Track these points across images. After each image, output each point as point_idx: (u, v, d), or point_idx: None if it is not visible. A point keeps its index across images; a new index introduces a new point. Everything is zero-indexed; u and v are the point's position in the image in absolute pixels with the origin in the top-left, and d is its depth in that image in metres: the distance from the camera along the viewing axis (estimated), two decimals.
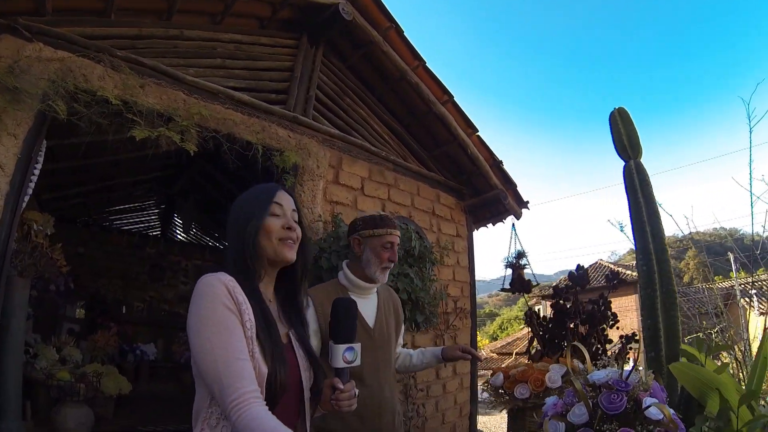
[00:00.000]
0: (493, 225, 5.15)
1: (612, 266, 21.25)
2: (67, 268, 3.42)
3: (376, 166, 3.82)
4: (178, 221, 7.88)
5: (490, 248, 4.69)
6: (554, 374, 1.87)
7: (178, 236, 8.45)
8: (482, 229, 5.18)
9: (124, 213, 7.59)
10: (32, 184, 2.31)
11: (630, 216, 1.98)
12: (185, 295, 7.87)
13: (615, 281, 2.41)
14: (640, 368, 1.22)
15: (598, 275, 20.44)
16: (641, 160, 2.02)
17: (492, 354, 20.18)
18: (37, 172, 2.35)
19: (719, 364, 1.70)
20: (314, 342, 1.68)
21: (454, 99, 4.05)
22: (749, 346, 3.26)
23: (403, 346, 2.11)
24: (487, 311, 41.07)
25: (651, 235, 1.88)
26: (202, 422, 1.00)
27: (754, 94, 2.51)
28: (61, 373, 3.47)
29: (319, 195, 3.23)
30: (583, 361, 1.81)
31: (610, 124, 2.11)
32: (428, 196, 4.33)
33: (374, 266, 1.76)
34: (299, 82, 3.39)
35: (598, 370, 1.21)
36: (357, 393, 1.20)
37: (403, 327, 2.01)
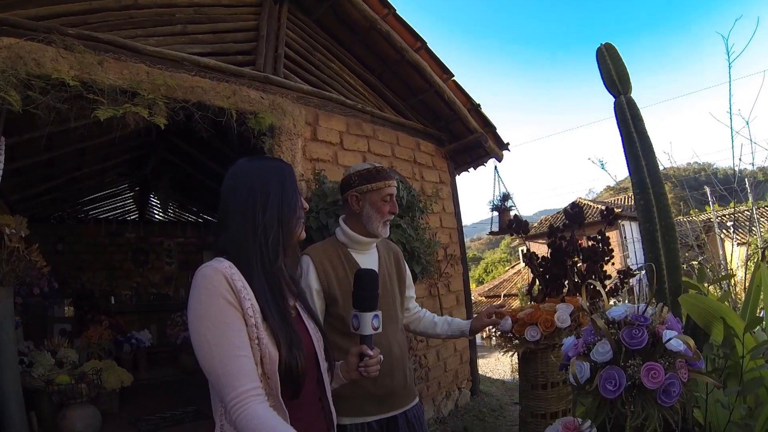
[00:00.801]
0: (475, 169, 5.17)
1: (591, 203, 21.76)
2: (48, 268, 3.28)
3: (354, 119, 3.76)
4: (155, 202, 7.67)
5: (469, 193, 4.74)
6: (563, 314, 1.87)
7: (157, 217, 8.24)
8: (461, 174, 5.18)
9: (98, 202, 7.35)
10: None
11: (624, 151, 1.96)
12: (171, 275, 7.78)
13: (611, 216, 2.42)
14: (654, 302, 1.24)
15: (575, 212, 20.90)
16: (631, 95, 1.98)
17: (480, 298, 20.69)
18: None
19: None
20: (318, 303, 1.65)
21: (427, 45, 3.97)
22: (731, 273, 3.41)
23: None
24: (470, 256, 41.96)
25: (647, 169, 1.87)
26: (220, 418, 0.98)
27: (732, 31, 2.50)
28: (60, 377, 3.40)
29: (299, 154, 3.16)
30: (587, 299, 1.83)
31: (598, 60, 2.05)
32: (408, 144, 4.30)
33: (376, 221, 1.69)
34: (266, 41, 3.28)
35: (617, 306, 1.22)
36: (382, 359, 1.21)
37: (409, 278, 1.95)
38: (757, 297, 1.73)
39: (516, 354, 1.95)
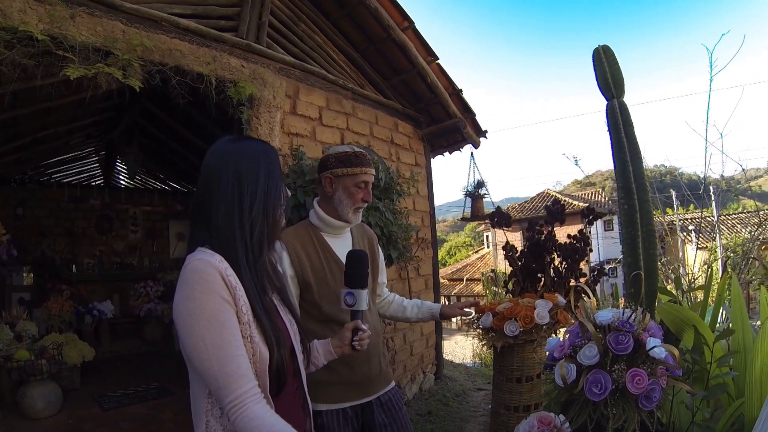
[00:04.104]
0: (450, 153, 5.17)
1: (558, 195, 22.30)
2: (7, 236, 3.10)
3: (334, 95, 3.68)
4: (122, 167, 7.36)
5: (435, 175, 4.75)
6: (542, 310, 1.91)
7: (123, 183, 7.94)
8: (435, 157, 5.17)
9: (63, 165, 7.04)
10: None
11: (612, 155, 1.98)
12: (136, 244, 7.55)
13: (591, 216, 2.47)
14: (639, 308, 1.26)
15: (545, 204, 21.49)
16: (624, 99, 2.00)
17: (443, 280, 21.09)
18: None
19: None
20: (294, 290, 1.62)
21: (415, 25, 3.90)
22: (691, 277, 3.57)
23: None
24: None
25: (633, 175, 1.90)
26: (206, 414, 0.94)
27: (713, 41, 2.57)
28: (19, 352, 3.28)
29: (277, 127, 3.06)
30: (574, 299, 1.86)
31: (594, 62, 2.05)
32: (386, 124, 4.25)
33: (346, 207, 1.66)
34: (251, 7, 3.15)
35: (603, 310, 1.24)
36: (371, 333, 1.28)
37: (382, 264, 1.92)
38: (719, 306, 1.82)
39: (492, 346, 1.98)
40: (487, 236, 26.27)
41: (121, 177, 7.85)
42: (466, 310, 1.94)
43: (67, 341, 3.79)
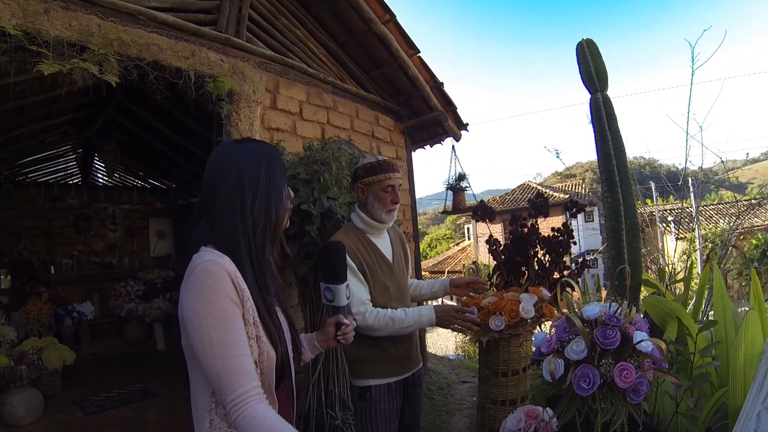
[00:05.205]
0: (431, 146, 5.16)
1: (540, 187, 22.50)
2: None
3: (314, 89, 3.64)
4: (100, 165, 7.20)
5: (415, 167, 4.74)
6: (527, 304, 1.92)
7: (101, 181, 7.77)
8: (416, 150, 5.14)
9: (39, 164, 6.87)
10: None
11: (596, 148, 1.99)
12: (115, 242, 7.40)
13: (574, 209, 2.47)
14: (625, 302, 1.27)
15: (526, 196, 21.65)
16: (608, 92, 2.01)
17: (425, 273, 21.17)
18: None
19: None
20: (363, 288, 1.80)
21: (396, 18, 3.86)
22: (672, 267, 3.64)
23: None
24: None
25: (617, 168, 1.91)
26: (209, 412, 0.96)
27: (692, 34, 2.60)
28: None
29: (257, 122, 3.02)
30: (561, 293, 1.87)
31: (578, 56, 2.06)
32: (367, 118, 4.22)
33: (379, 210, 1.89)
34: (230, 1, 3.09)
35: (590, 304, 1.24)
36: (356, 324, 1.36)
37: (410, 257, 2.20)
38: (701, 297, 1.85)
39: (477, 341, 1.98)
40: (468, 228, 26.41)
41: (99, 175, 7.70)
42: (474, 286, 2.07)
43: (47, 345, 3.71)
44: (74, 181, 7.40)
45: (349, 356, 1.90)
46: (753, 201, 7.33)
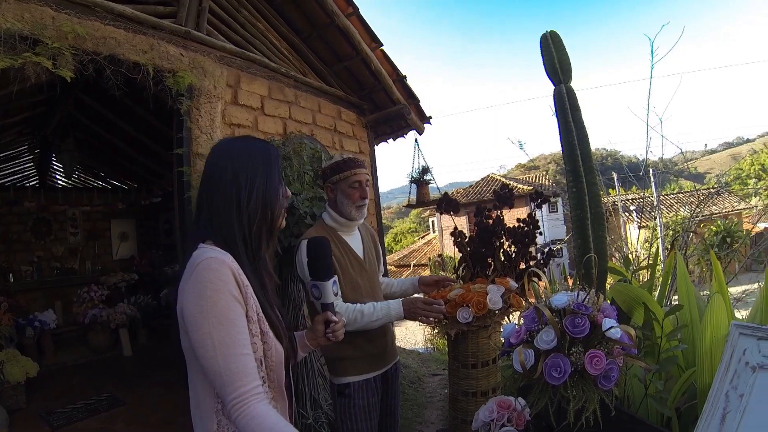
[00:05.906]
0: (394, 140, 5.17)
1: (504, 179, 22.77)
2: None
3: (276, 84, 3.59)
4: (58, 165, 6.89)
5: (379, 161, 4.76)
6: (494, 296, 1.91)
7: (60, 182, 7.47)
8: (379, 144, 5.15)
9: None
10: None
11: (560, 139, 2.01)
12: (76, 247, 7.13)
13: (539, 200, 2.49)
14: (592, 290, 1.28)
15: (490, 188, 21.92)
16: (571, 84, 2.03)
17: (391, 267, 21.20)
18: None
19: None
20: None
21: (359, 11, 3.86)
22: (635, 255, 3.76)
23: None
24: None
25: (581, 158, 1.93)
26: (217, 414, 0.96)
27: (650, 29, 2.68)
28: None
29: (218, 118, 2.97)
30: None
31: (541, 48, 2.07)
32: (330, 112, 4.20)
33: (348, 206, 1.91)
34: None
35: (558, 293, 1.25)
36: (345, 321, 1.34)
37: (381, 255, 2.24)
38: (666, 282, 1.89)
39: (446, 334, 1.97)
40: (433, 221, 26.56)
41: (57, 176, 7.42)
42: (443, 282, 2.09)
43: (9, 358, 3.57)
44: (32, 183, 7.12)
45: (327, 354, 1.91)
46: (711, 190, 7.65)
